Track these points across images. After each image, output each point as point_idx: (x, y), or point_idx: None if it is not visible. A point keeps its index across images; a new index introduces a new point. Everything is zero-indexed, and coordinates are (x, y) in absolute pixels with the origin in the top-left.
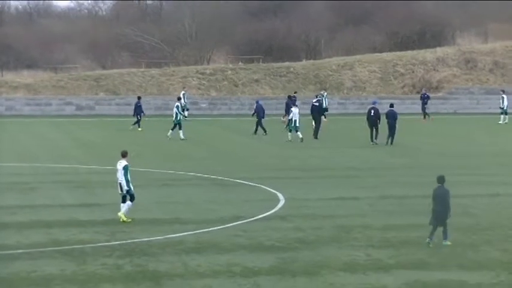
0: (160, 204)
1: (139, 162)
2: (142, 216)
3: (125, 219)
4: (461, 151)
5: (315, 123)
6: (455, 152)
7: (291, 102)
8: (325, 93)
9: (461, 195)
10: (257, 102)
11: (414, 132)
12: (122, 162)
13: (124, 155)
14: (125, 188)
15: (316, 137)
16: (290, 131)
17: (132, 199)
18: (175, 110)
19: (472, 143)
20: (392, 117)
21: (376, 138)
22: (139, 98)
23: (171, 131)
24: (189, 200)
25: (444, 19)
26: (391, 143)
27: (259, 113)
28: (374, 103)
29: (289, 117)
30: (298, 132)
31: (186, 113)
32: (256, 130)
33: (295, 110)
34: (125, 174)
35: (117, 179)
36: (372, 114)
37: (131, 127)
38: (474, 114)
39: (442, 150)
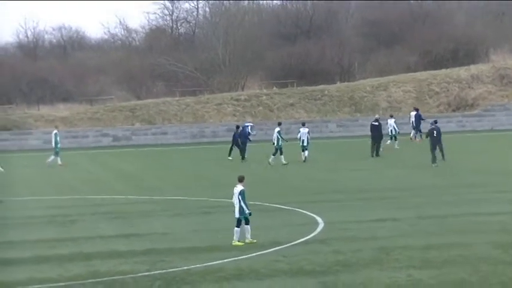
0: (198, 232)
1: (176, 190)
2: (181, 244)
3: (250, 241)
4: (499, 168)
5: (374, 143)
6: (493, 169)
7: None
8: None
9: (500, 212)
10: (244, 127)
11: (451, 151)
12: (238, 187)
13: (241, 179)
14: (247, 211)
15: (377, 155)
16: (303, 150)
17: (247, 222)
18: (276, 135)
19: (509, 160)
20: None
21: (443, 157)
22: (237, 127)
23: (272, 156)
24: (227, 226)
25: (477, 37)
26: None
27: (242, 137)
28: (435, 122)
29: (298, 137)
30: (306, 152)
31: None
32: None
33: (303, 130)
34: (243, 199)
35: (234, 203)
36: (435, 134)
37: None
38: (511, 131)
39: (479, 167)
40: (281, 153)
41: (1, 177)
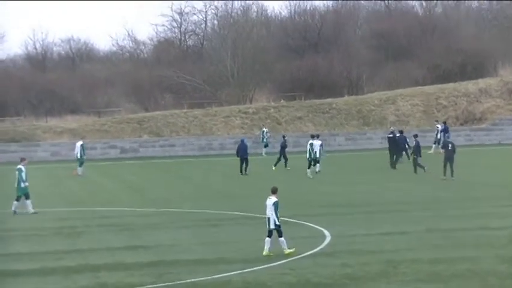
0: (205, 244)
1: (184, 202)
2: (188, 257)
3: (290, 251)
4: (506, 182)
5: (392, 155)
6: (500, 183)
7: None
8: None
9: (508, 226)
10: (242, 141)
11: (459, 165)
12: (272, 199)
13: (274, 191)
14: (277, 223)
15: (394, 167)
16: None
17: (281, 235)
18: (308, 147)
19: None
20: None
21: (452, 174)
22: (284, 136)
23: (308, 170)
24: (234, 239)
25: (485, 50)
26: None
27: (241, 151)
28: (448, 137)
29: (308, 150)
30: (318, 165)
31: (264, 150)
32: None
33: (316, 143)
34: (275, 210)
35: (267, 214)
36: (450, 148)
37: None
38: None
39: (487, 181)
40: (314, 164)
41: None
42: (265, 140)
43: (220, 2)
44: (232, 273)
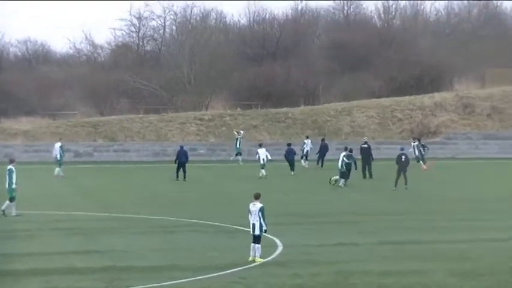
0: (158, 251)
1: (137, 208)
2: (140, 263)
3: (262, 260)
4: (459, 196)
5: (365, 165)
6: (453, 197)
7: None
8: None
9: (459, 240)
10: (181, 147)
11: (413, 178)
12: (257, 204)
13: (257, 197)
14: (264, 228)
15: (371, 177)
16: (262, 168)
17: (258, 241)
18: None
19: (469, 188)
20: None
21: (406, 182)
22: (289, 144)
23: (338, 179)
24: (187, 246)
25: (442, 64)
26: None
27: (181, 157)
28: (403, 149)
29: (257, 157)
30: (263, 170)
31: (240, 158)
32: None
33: (261, 151)
34: (263, 216)
35: (251, 220)
36: (404, 159)
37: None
38: (472, 159)
39: (440, 195)
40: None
41: None
42: (239, 146)
43: (179, 8)
44: (183, 280)
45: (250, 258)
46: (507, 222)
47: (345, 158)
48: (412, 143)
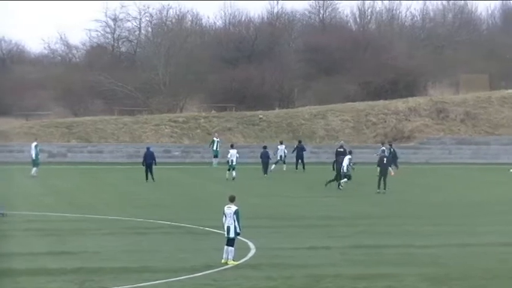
0: (130, 252)
1: (110, 209)
2: (112, 264)
3: (235, 263)
4: (432, 201)
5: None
6: (426, 201)
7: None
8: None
9: (432, 245)
10: (147, 148)
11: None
12: (232, 207)
13: (232, 199)
14: (238, 231)
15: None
16: (229, 169)
17: (232, 244)
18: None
19: (442, 193)
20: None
21: (385, 187)
22: (264, 147)
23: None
24: (160, 248)
25: (416, 69)
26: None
27: (147, 159)
28: (383, 151)
29: (228, 158)
30: (234, 171)
31: (215, 161)
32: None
33: (232, 152)
34: (238, 218)
35: (225, 223)
36: (385, 162)
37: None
38: (446, 164)
39: (413, 200)
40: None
41: None
42: (217, 149)
43: (155, 10)
44: (156, 282)
45: (223, 261)
46: (479, 227)
47: (350, 162)
48: (382, 147)
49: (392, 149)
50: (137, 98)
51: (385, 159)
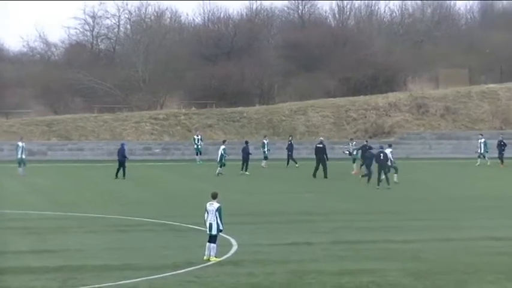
0: (112, 250)
1: (91, 207)
2: (94, 262)
3: (216, 259)
4: (413, 196)
5: (319, 164)
6: (407, 196)
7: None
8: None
9: (414, 240)
10: (122, 145)
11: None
12: (214, 204)
13: (214, 196)
14: (221, 228)
15: (325, 176)
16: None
17: (214, 241)
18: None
19: (423, 188)
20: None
21: (383, 182)
22: (246, 142)
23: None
24: (142, 245)
25: (396, 64)
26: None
27: (119, 156)
28: (382, 147)
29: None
30: (219, 168)
31: (198, 158)
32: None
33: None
34: (220, 215)
35: (207, 220)
36: (382, 157)
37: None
38: (426, 159)
39: (394, 195)
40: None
41: None
42: (199, 147)
43: (134, 7)
44: (138, 279)
45: (205, 257)
46: (461, 222)
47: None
48: (350, 143)
49: (368, 145)
50: (117, 96)
51: (381, 154)
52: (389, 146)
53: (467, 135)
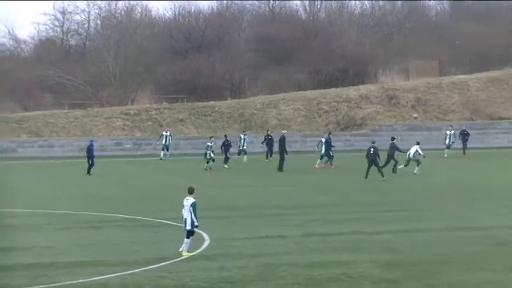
0: (83, 246)
1: (62, 204)
2: (65, 259)
3: (188, 254)
4: (384, 187)
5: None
6: (378, 188)
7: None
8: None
9: (383, 231)
10: (91, 141)
11: (338, 170)
12: (189, 199)
13: (191, 191)
14: (196, 224)
15: (281, 170)
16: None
17: (189, 236)
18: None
19: (395, 179)
20: (392, 149)
21: (382, 175)
22: (225, 136)
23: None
24: (113, 241)
25: (366, 56)
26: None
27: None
28: (374, 142)
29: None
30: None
31: (162, 153)
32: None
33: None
34: (194, 211)
35: (184, 215)
36: (372, 152)
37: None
38: (397, 151)
39: (364, 186)
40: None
41: None
42: (167, 143)
43: (104, 2)
44: (110, 275)
45: (183, 253)
46: (430, 212)
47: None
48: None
49: (329, 139)
50: (87, 91)
51: (372, 149)
52: (417, 143)
53: (437, 126)
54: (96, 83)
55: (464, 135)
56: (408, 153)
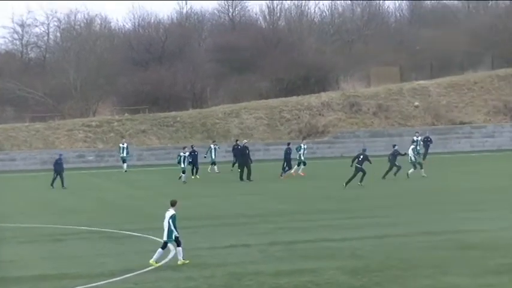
0: (48, 259)
1: (25, 217)
2: (30, 272)
3: (185, 261)
4: (348, 194)
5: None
6: (342, 195)
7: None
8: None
9: (350, 238)
10: (60, 155)
11: (301, 178)
12: (170, 211)
13: (173, 204)
14: (176, 235)
15: (248, 179)
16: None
17: (179, 244)
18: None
19: (356, 186)
20: (394, 155)
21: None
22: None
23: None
24: (78, 254)
25: (327, 64)
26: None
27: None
28: (364, 150)
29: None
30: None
31: (125, 165)
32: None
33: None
34: (173, 223)
35: (164, 226)
36: (360, 159)
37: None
38: (401, 155)
39: (329, 194)
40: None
41: None
42: (124, 154)
43: (63, 15)
44: None
45: (151, 261)
46: (395, 218)
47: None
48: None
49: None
50: (48, 104)
51: (361, 156)
52: (412, 142)
53: (399, 132)
54: (57, 95)
55: (426, 142)
56: (409, 156)
